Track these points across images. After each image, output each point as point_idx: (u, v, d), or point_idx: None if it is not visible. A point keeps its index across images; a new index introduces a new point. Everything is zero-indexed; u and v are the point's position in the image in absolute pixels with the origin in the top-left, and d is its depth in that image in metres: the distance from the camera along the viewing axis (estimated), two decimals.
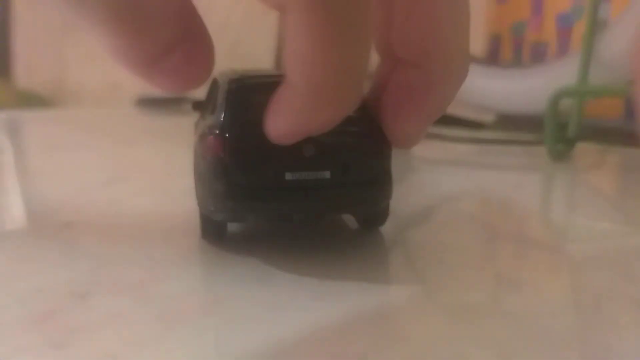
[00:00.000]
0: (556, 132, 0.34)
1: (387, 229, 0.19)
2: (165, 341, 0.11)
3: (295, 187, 0.14)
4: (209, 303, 0.13)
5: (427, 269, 0.15)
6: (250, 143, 0.14)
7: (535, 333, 0.11)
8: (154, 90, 0.14)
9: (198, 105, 0.18)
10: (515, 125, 0.54)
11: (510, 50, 0.61)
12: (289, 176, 0.14)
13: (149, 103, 0.67)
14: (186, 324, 0.12)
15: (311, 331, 0.11)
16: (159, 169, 0.29)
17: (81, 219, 0.19)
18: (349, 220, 0.19)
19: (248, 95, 0.15)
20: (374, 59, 0.15)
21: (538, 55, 0.57)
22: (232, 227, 0.18)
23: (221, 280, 0.14)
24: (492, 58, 0.63)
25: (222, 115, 0.15)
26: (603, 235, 0.19)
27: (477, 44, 0.74)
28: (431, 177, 0.29)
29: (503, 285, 0.14)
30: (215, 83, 0.17)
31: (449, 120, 0.62)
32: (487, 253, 0.17)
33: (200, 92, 0.18)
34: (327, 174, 0.14)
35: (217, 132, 0.14)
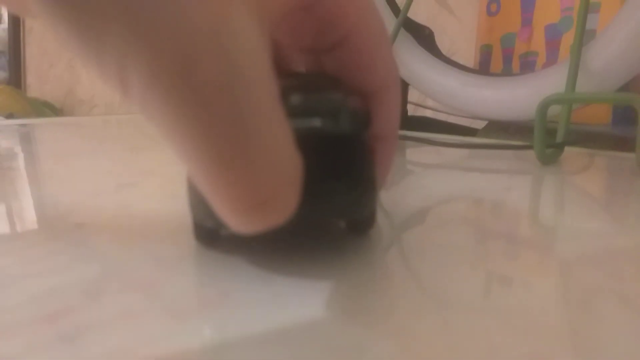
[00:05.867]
0: (545, 137, 0.34)
1: (383, 229, 0.19)
2: (174, 336, 0.11)
3: None
4: (214, 298, 0.13)
5: (422, 267, 0.15)
6: None
7: (525, 328, 0.12)
8: None
9: None
10: (506, 131, 0.54)
11: (501, 60, 0.62)
12: None
13: None
14: (194, 318, 0.12)
15: (310, 325, 0.12)
16: (167, 174, 0.29)
17: (92, 221, 0.19)
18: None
19: None
20: None
21: (528, 65, 0.58)
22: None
23: (225, 277, 0.14)
24: (483, 68, 0.64)
25: None
26: (591, 235, 0.19)
27: (469, 54, 0.75)
28: (425, 181, 0.29)
29: (494, 282, 0.14)
30: None
31: (443, 127, 0.63)
32: (479, 252, 0.17)
33: None
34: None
35: None
